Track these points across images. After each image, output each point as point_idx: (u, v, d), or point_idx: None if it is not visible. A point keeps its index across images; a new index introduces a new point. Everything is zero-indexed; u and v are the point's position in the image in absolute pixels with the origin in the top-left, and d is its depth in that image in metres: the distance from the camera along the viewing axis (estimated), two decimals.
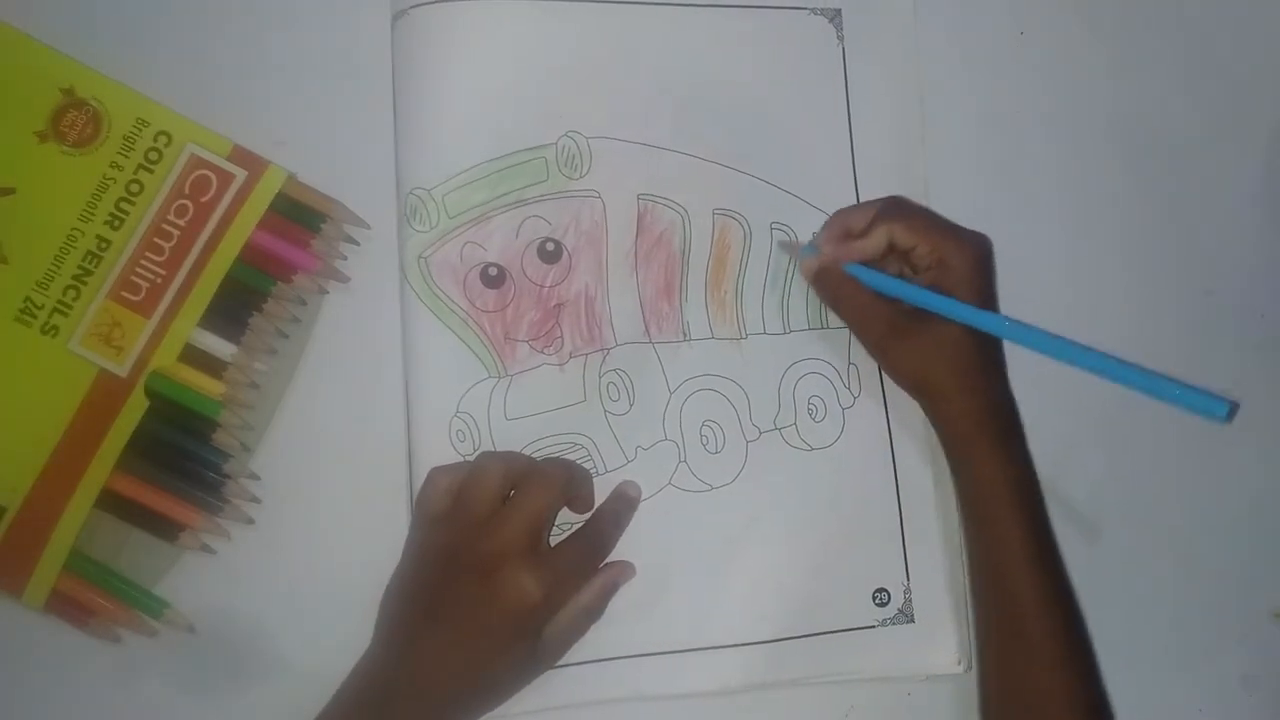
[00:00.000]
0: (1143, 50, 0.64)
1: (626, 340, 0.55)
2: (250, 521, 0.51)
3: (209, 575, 0.51)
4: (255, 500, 0.51)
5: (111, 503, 0.49)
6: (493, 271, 0.54)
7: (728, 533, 0.55)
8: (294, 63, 0.54)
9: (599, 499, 0.53)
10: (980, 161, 0.61)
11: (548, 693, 0.51)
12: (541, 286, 0.54)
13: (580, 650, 0.51)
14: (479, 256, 0.54)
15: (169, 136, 0.51)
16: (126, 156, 0.50)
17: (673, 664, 0.53)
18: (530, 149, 0.54)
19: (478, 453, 0.52)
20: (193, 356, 0.50)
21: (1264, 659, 0.60)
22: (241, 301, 0.51)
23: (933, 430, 0.57)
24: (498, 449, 0.52)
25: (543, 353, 0.54)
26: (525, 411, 0.53)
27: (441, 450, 0.52)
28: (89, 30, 0.52)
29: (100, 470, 0.48)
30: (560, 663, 0.50)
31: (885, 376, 0.57)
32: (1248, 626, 0.60)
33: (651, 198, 0.55)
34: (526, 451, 0.53)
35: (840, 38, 0.59)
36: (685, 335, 0.55)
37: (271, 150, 0.52)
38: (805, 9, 0.59)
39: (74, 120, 0.50)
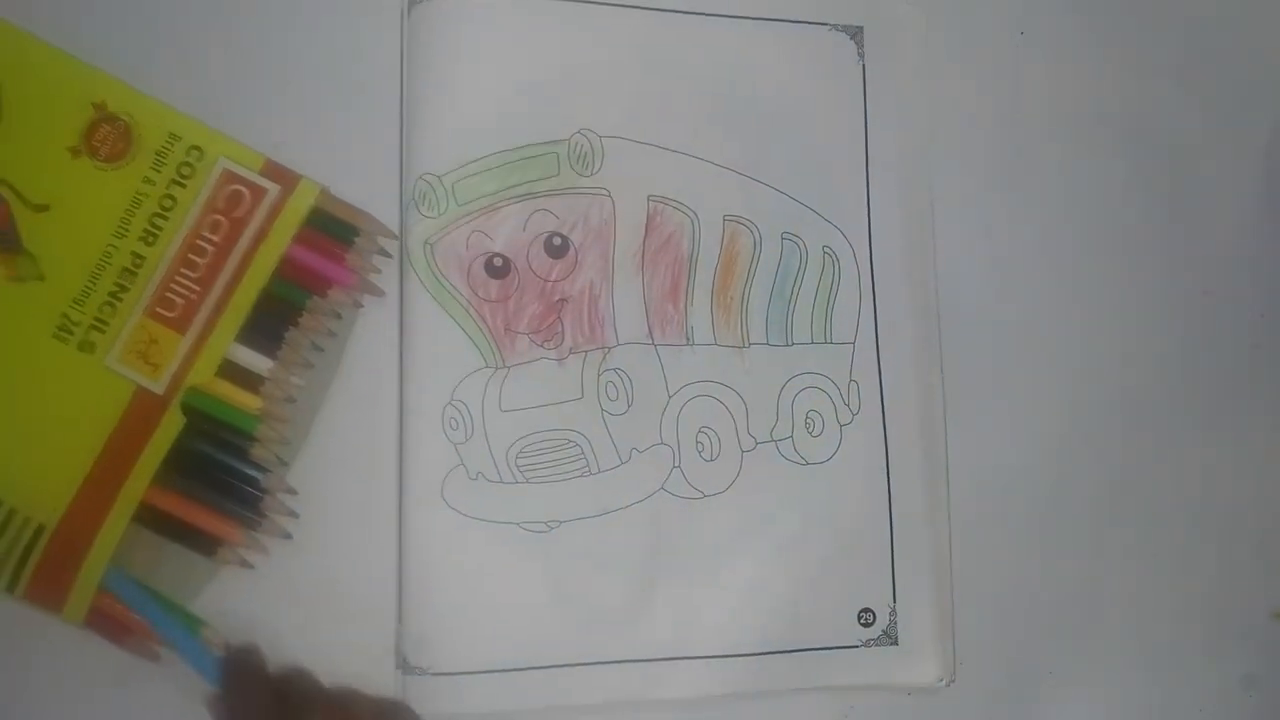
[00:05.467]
0: (1143, 50, 0.63)
1: (628, 340, 0.54)
2: (288, 536, 0.50)
3: (245, 590, 0.50)
4: (293, 515, 0.50)
5: (149, 518, 0.48)
6: (498, 262, 0.53)
7: (716, 542, 0.54)
8: (294, 62, 0.53)
9: (593, 500, 0.53)
10: (980, 161, 0.61)
11: (526, 696, 0.51)
12: (546, 280, 0.54)
13: (559, 654, 0.51)
14: (485, 246, 0.53)
15: (201, 151, 0.50)
16: (159, 171, 0.50)
17: (652, 672, 0.53)
18: (543, 143, 0.54)
19: (469, 441, 0.52)
20: (229, 371, 0.49)
21: (1264, 659, 0.60)
22: (277, 316, 0.50)
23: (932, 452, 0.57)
24: (490, 439, 0.52)
25: (542, 346, 0.54)
26: (520, 404, 0.53)
27: (433, 437, 0.52)
28: (120, 45, 0.51)
29: (137, 486, 0.47)
30: (537, 665, 0.51)
31: (887, 396, 0.57)
32: (1248, 626, 0.61)
33: (662, 199, 0.55)
34: (518, 446, 0.53)
35: (861, 54, 0.59)
36: (688, 339, 0.55)
37: (272, 150, 0.51)
38: (827, 25, 0.59)
39: (106, 135, 0.49)
